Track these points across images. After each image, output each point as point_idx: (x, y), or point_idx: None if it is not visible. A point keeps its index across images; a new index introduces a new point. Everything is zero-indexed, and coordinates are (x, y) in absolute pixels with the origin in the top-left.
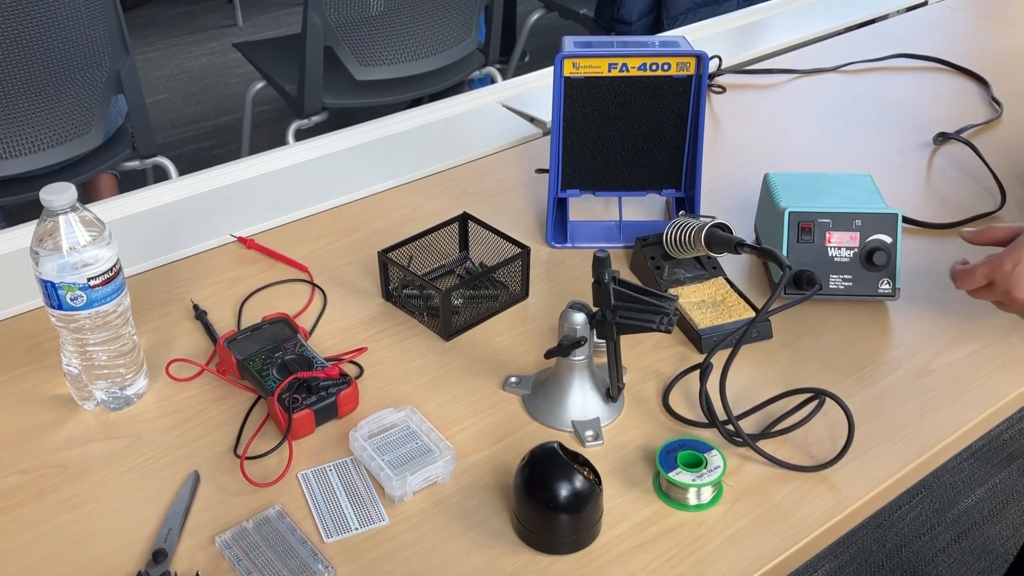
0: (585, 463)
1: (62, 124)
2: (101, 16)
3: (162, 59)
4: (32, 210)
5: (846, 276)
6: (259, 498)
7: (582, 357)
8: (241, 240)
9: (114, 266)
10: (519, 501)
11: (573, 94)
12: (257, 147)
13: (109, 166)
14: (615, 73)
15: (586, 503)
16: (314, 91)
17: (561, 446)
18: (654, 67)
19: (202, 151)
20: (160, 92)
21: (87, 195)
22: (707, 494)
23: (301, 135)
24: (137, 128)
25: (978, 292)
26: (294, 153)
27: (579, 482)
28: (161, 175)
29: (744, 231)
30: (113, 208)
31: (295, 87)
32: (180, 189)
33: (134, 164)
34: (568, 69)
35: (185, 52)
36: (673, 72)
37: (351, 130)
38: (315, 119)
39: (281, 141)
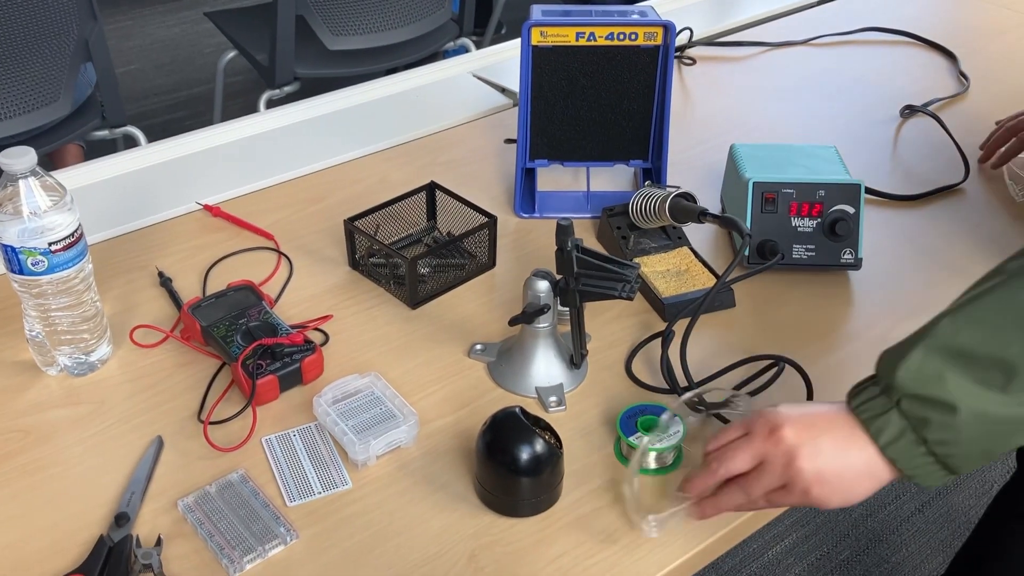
0: (547, 427)
1: (29, 92)
2: None
3: (133, 29)
4: None
5: (809, 246)
6: (222, 463)
7: (546, 324)
8: (207, 208)
9: (75, 231)
10: (481, 464)
11: (541, 63)
12: (229, 118)
13: (78, 135)
14: (583, 42)
15: (546, 466)
16: (286, 61)
17: (523, 410)
18: (621, 36)
19: (174, 122)
20: (131, 62)
21: (53, 165)
22: (667, 458)
23: (273, 105)
24: (106, 97)
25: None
26: (261, 121)
27: (539, 445)
28: (131, 145)
29: (711, 202)
30: (79, 175)
31: (267, 57)
32: (146, 156)
33: (103, 134)
34: (536, 38)
35: (157, 22)
36: (641, 42)
37: (319, 99)
38: (287, 89)
39: (253, 112)
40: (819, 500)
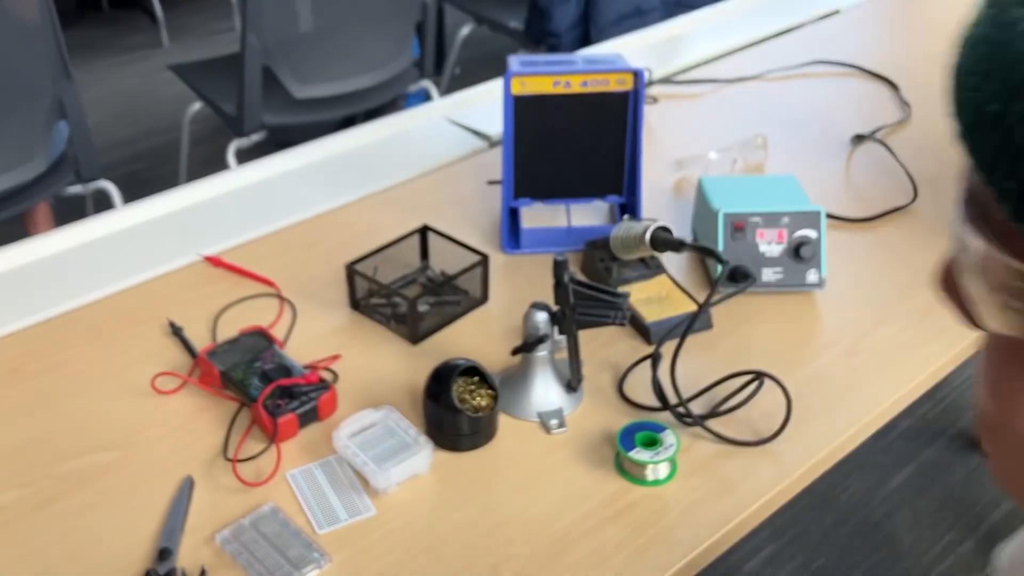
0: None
1: (6, 152)
2: (42, 43)
3: (90, 81)
4: None
5: (777, 269)
6: (252, 498)
7: (544, 352)
8: (208, 259)
9: None
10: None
11: (522, 111)
12: (194, 165)
13: (53, 192)
14: (559, 90)
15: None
16: (254, 110)
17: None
18: (595, 83)
19: (138, 172)
20: (90, 115)
21: (24, 226)
22: (663, 470)
23: (242, 154)
24: (80, 153)
25: None
26: (247, 173)
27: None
28: (102, 199)
29: (682, 232)
30: (78, 234)
31: (233, 106)
32: (143, 212)
33: (76, 189)
34: (516, 87)
35: (113, 73)
36: (612, 88)
37: (301, 149)
38: (255, 138)
39: (217, 159)
40: None
